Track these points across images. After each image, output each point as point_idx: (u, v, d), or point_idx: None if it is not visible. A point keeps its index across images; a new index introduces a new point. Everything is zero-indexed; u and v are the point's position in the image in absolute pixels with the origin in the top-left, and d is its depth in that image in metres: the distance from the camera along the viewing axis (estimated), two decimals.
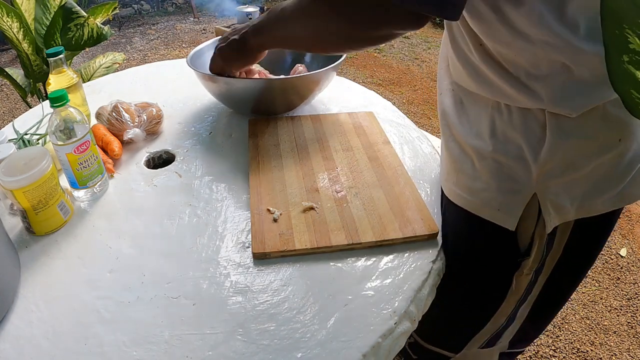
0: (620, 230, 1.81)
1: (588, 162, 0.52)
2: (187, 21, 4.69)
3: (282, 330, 0.52)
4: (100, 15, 1.94)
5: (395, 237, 0.62)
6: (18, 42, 1.76)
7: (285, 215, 0.66)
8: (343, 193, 0.70)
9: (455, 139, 0.60)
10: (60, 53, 0.82)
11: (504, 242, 0.60)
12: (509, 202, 0.56)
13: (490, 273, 0.65)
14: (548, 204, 0.54)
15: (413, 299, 0.56)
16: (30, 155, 0.62)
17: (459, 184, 0.61)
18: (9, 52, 3.83)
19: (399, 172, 0.74)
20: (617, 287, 1.57)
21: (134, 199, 0.72)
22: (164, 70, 1.22)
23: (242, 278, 0.58)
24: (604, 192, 0.54)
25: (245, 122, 0.91)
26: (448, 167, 0.63)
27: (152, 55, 3.84)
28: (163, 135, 0.89)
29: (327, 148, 0.81)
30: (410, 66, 3.37)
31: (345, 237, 0.62)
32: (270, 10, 0.66)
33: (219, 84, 0.87)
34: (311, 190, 0.71)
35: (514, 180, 0.54)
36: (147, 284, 0.57)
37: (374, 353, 0.50)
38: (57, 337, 0.51)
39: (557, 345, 1.37)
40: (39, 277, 0.59)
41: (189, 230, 0.66)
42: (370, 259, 0.61)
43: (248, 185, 0.73)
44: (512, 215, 0.56)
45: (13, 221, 0.68)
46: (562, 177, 0.53)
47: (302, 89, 0.88)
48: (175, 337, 0.51)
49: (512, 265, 0.62)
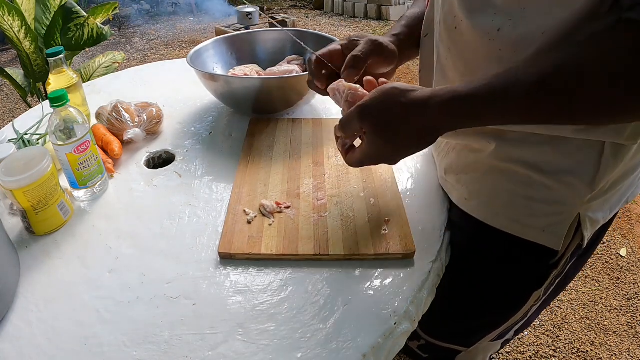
0: (620, 230, 1.81)
1: (627, 179, 0.54)
2: (187, 21, 4.69)
3: (282, 330, 0.52)
4: (100, 15, 1.94)
5: (366, 252, 0.59)
6: (19, 41, 1.76)
7: (259, 218, 0.65)
8: (324, 201, 0.68)
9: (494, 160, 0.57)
10: (60, 53, 0.82)
11: (532, 255, 0.60)
12: (555, 223, 0.55)
13: (515, 283, 0.65)
14: (587, 221, 0.55)
15: (413, 299, 0.56)
16: (30, 155, 0.62)
17: (492, 205, 0.59)
18: (9, 52, 3.83)
19: (388, 184, 0.72)
20: (617, 287, 1.57)
21: (134, 199, 0.72)
22: (164, 70, 1.22)
23: (242, 278, 0.58)
24: (624, 197, 0.57)
25: (245, 122, 0.91)
26: (478, 189, 0.61)
27: (152, 55, 3.85)
28: (163, 135, 0.89)
29: (320, 154, 0.80)
30: (410, 66, 3.37)
31: (314, 247, 0.60)
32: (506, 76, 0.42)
33: (219, 83, 0.87)
34: (292, 195, 0.70)
35: (562, 203, 0.54)
36: (147, 284, 0.57)
37: (374, 353, 0.50)
38: (57, 337, 0.51)
39: (557, 345, 1.37)
40: (39, 277, 0.59)
41: (189, 230, 0.66)
42: (371, 260, 0.61)
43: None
44: (558, 235, 0.56)
45: (13, 221, 0.68)
46: (605, 195, 0.54)
47: (302, 87, 0.88)
48: (175, 337, 0.51)
49: (540, 277, 0.63)
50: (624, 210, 1.90)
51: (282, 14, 4.42)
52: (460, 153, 0.64)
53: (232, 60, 1.05)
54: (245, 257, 0.60)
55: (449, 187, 0.68)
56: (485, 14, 0.48)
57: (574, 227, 0.56)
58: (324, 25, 4.62)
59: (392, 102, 0.47)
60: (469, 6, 0.50)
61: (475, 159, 0.60)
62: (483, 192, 0.60)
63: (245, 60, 1.05)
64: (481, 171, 0.60)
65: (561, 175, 0.52)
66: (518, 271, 0.63)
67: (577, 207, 0.54)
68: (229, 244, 0.61)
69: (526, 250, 0.59)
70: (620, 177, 0.54)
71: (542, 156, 0.53)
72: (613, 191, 0.55)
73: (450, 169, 0.66)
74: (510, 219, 0.58)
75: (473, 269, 0.67)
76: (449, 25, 0.54)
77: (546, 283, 0.63)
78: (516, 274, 0.64)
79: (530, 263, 0.61)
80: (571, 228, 0.55)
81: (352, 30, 4.39)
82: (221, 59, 1.03)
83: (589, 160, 0.51)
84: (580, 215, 0.54)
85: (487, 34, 0.48)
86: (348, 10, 4.93)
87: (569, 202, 0.54)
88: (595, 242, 0.64)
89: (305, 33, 1.06)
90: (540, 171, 0.53)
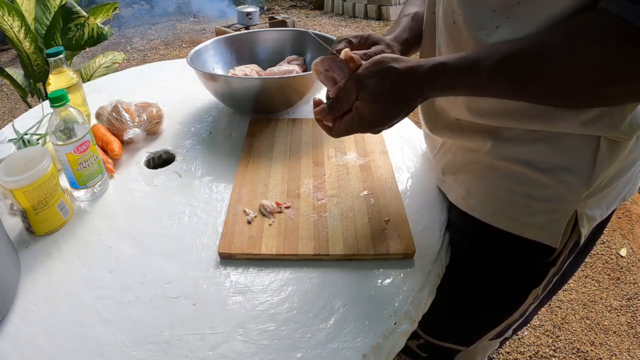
0: (620, 230, 1.81)
1: (624, 175, 0.54)
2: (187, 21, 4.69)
3: (282, 330, 0.52)
4: (100, 15, 1.94)
5: (366, 252, 0.59)
6: (19, 41, 1.76)
7: (259, 218, 0.65)
8: (324, 201, 0.68)
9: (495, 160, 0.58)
10: (60, 53, 0.82)
11: (530, 253, 0.60)
12: (552, 220, 0.55)
13: (514, 281, 0.65)
14: (584, 218, 0.55)
15: (413, 299, 0.56)
16: (30, 155, 0.62)
17: (490, 204, 0.60)
18: (9, 52, 3.83)
19: (388, 184, 0.72)
20: (617, 287, 1.57)
21: (134, 199, 0.72)
22: (164, 70, 1.22)
23: (242, 278, 0.58)
24: (621, 195, 0.57)
25: (245, 122, 0.91)
26: (476, 188, 0.61)
27: (152, 55, 3.85)
28: (163, 135, 0.89)
29: (321, 153, 0.80)
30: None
31: (314, 247, 0.60)
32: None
33: (219, 83, 0.87)
34: (292, 195, 0.70)
35: (559, 200, 0.54)
36: (147, 284, 0.57)
37: (374, 353, 0.50)
38: (57, 337, 0.51)
39: (557, 345, 1.37)
40: (39, 277, 0.59)
41: (189, 230, 0.66)
42: (371, 260, 0.61)
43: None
44: (556, 233, 0.56)
45: (13, 221, 0.68)
46: (602, 192, 0.54)
47: (302, 87, 0.88)
48: (175, 337, 0.51)
49: (538, 275, 0.63)
50: (624, 210, 1.90)
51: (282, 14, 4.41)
52: (456, 153, 0.64)
53: (232, 60, 1.05)
54: (245, 257, 0.60)
55: (446, 187, 0.68)
56: (482, 9, 0.48)
57: (572, 224, 0.56)
58: (324, 25, 4.61)
59: (386, 69, 0.50)
60: (466, 1, 0.50)
61: (471, 159, 0.60)
62: (480, 190, 0.60)
63: (245, 60, 1.05)
64: (478, 170, 0.60)
65: (558, 172, 0.53)
66: (517, 270, 0.63)
67: (574, 204, 0.54)
68: (229, 244, 0.61)
69: (524, 249, 0.59)
70: (617, 174, 0.54)
71: (538, 154, 0.53)
72: (609, 188, 0.55)
73: (447, 169, 0.66)
74: (508, 217, 0.58)
75: (472, 269, 0.67)
76: (448, 19, 0.54)
77: (544, 281, 0.63)
78: (515, 272, 0.64)
79: (529, 261, 0.61)
80: (568, 225, 0.56)
81: (352, 30, 4.39)
82: (221, 59, 1.03)
83: (585, 157, 0.51)
84: (578, 212, 0.55)
85: (484, 29, 0.49)
86: (348, 10, 4.93)
87: (566, 199, 0.54)
88: (592, 240, 0.64)
89: (304, 33, 1.06)
90: (536, 169, 0.53)
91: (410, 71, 0.49)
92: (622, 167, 0.54)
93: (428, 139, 0.75)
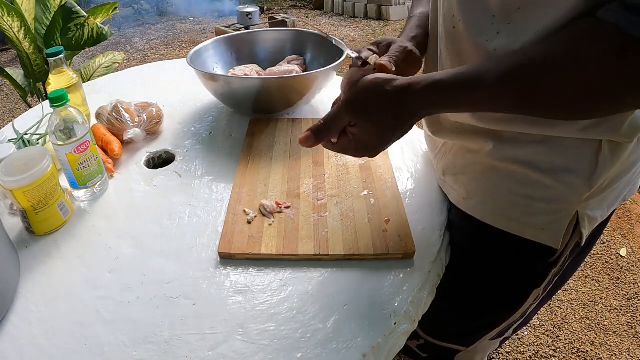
0: (620, 230, 1.81)
1: (625, 176, 0.55)
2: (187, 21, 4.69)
3: (282, 330, 0.52)
4: (100, 15, 1.94)
5: (366, 252, 0.59)
6: (18, 41, 1.76)
7: (259, 218, 0.65)
8: (324, 201, 0.68)
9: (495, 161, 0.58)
10: (60, 53, 0.82)
11: (530, 254, 0.60)
12: (553, 221, 0.55)
13: (514, 282, 0.65)
14: (585, 219, 0.55)
15: (413, 299, 0.56)
16: (30, 155, 0.62)
17: (490, 204, 0.60)
18: (9, 52, 3.83)
19: (388, 184, 0.72)
20: (617, 287, 1.57)
21: (134, 199, 0.72)
22: (164, 70, 1.22)
23: (242, 278, 0.58)
24: (622, 195, 0.57)
25: (245, 122, 0.91)
26: (477, 188, 0.61)
27: (152, 55, 3.85)
28: (163, 135, 0.89)
29: (321, 153, 0.80)
30: None
31: (314, 247, 0.60)
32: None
33: (219, 83, 0.87)
34: (292, 195, 0.70)
35: (561, 201, 0.54)
36: (147, 284, 0.57)
37: (373, 353, 0.50)
38: (56, 337, 0.51)
39: (557, 345, 1.37)
40: (39, 277, 0.59)
41: (189, 230, 0.66)
42: (371, 260, 0.61)
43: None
44: (557, 233, 0.56)
45: (13, 221, 0.68)
46: (603, 193, 0.55)
47: (302, 87, 0.88)
48: (175, 337, 0.51)
49: (539, 276, 0.63)
50: (624, 210, 1.90)
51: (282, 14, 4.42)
52: (457, 154, 0.64)
53: (232, 60, 1.05)
54: (245, 257, 0.60)
55: (447, 187, 0.68)
56: (482, 15, 0.48)
57: (573, 225, 0.56)
58: (324, 25, 4.61)
59: (379, 92, 0.48)
60: (465, 7, 0.50)
61: (472, 159, 0.60)
62: (481, 191, 0.60)
63: (245, 60, 1.05)
64: (479, 171, 0.60)
65: (559, 173, 0.53)
66: (518, 270, 0.63)
67: (575, 205, 0.54)
68: (229, 244, 0.61)
69: (525, 249, 0.59)
70: (618, 174, 0.54)
71: (540, 155, 0.53)
72: (611, 189, 0.55)
73: (448, 170, 0.66)
74: (509, 218, 0.58)
75: (473, 269, 0.67)
76: (448, 24, 0.54)
77: (545, 282, 0.63)
78: (516, 273, 0.64)
79: (530, 262, 0.61)
80: (570, 226, 0.56)
81: (352, 30, 4.39)
82: (221, 59, 1.03)
83: (587, 158, 0.51)
84: (579, 213, 0.55)
85: (484, 35, 0.48)
86: (348, 10, 4.93)
87: (567, 200, 0.54)
88: (592, 240, 0.64)
89: (305, 33, 1.06)
90: (538, 170, 0.53)
91: (402, 92, 0.47)
92: (624, 168, 0.54)
93: (429, 140, 0.75)
